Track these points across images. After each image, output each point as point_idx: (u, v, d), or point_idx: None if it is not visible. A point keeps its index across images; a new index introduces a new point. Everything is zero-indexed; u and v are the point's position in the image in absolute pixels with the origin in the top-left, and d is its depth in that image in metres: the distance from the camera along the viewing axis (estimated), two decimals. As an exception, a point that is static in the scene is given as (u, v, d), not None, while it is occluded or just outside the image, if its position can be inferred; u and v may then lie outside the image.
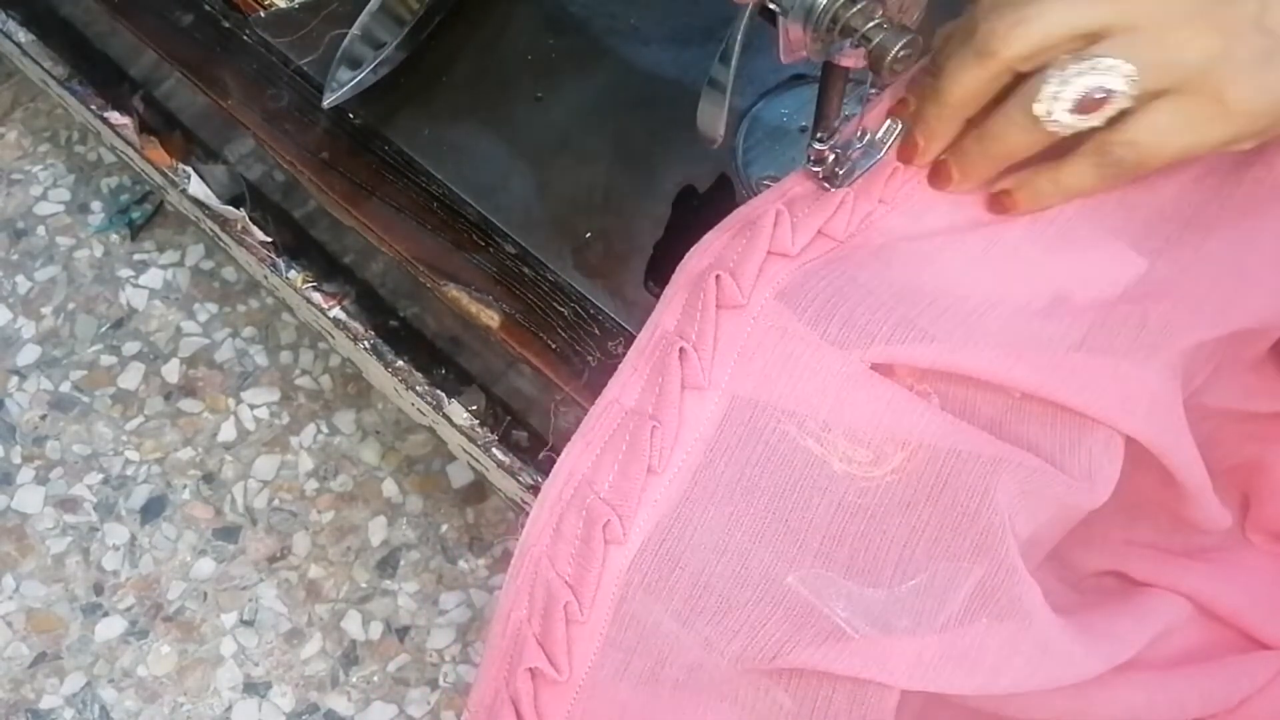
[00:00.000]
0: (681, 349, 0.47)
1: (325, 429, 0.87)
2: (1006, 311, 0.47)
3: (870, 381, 0.46)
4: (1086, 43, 0.46)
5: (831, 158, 0.54)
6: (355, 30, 0.62)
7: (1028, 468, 0.45)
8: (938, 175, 0.51)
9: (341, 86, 0.61)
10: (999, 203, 0.50)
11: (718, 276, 0.48)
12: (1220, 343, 0.49)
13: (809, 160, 0.55)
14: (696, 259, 0.51)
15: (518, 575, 0.49)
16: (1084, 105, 0.46)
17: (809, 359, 0.47)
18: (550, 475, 0.49)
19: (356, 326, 0.67)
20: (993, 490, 0.44)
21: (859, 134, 0.55)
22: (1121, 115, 0.46)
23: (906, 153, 0.53)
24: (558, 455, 0.62)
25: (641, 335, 0.50)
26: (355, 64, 0.62)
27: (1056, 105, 0.46)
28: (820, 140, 0.54)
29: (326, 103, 0.61)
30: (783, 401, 0.47)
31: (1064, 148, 0.49)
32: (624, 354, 0.56)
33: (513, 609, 0.49)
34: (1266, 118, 0.46)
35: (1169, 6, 0.45)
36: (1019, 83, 0.48)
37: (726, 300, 0.48)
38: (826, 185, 0.55)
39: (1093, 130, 0.47)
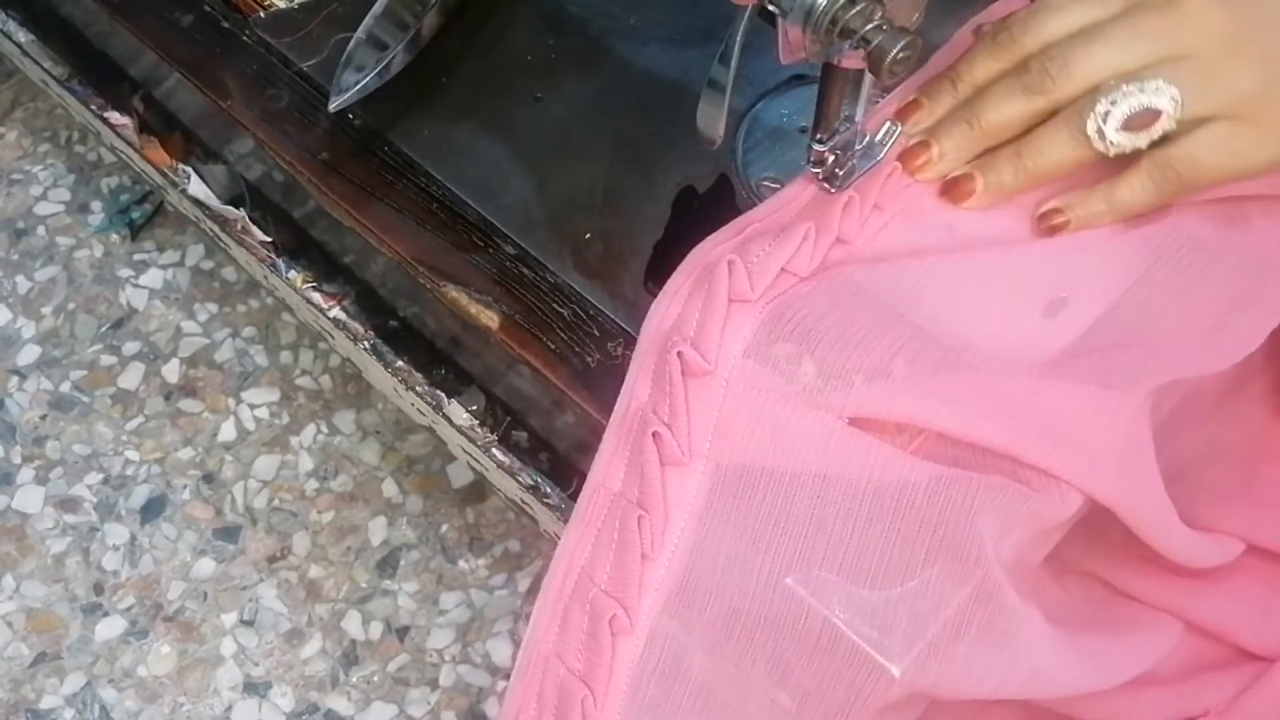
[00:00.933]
0: (655, 432, 0.47)
1: (325, 429, 0.87)
2: (978, 357, 0.47)
3: (852, 439, 0.46)
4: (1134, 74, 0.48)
5: (831, 159, 0.55)
6: (360, 34, 0.62)
7: (1007, 491, 0.45)
8: (957, 189, 0.51)
9: (348, 90, 0.61)
10: (1047, 222, 0.50)
11: (679, 353, 0.47)
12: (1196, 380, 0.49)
13: (809, 161, 0.55)
14: (661, 313, 0.50)
15: (525, 674, 0.48)
16: (1133, 123, 0.47)
17: (788, 421, 0.46)
18: (550, 569, 0.49)
19: (356, 327, 0.67)
20: (975, 516, 0.44)
21: (859, 136, 0.55)
22: (1171, 135, 0.48)
23: (915, 163, 0.52)
24: (557, 456, 0.62)
25: (618, 406, 0.49)
26: (360, 68, 0.62)
27: (1107, 124, 0.47)
28: (820, 142, 0.54)
29: (333, 106, 0.61)
30: (769, 463, 0.46)
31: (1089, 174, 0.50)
32: (623, 356, 0.56)
33: (520, 711, 0.49)
34: None
35: (1210, 38, 0.47)
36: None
37: (693, 369, 0.47)
38: (827, 187, 0.55)
39: (1138, 151, 0.48)
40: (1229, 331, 0.49)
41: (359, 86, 0.61)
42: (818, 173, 0.55)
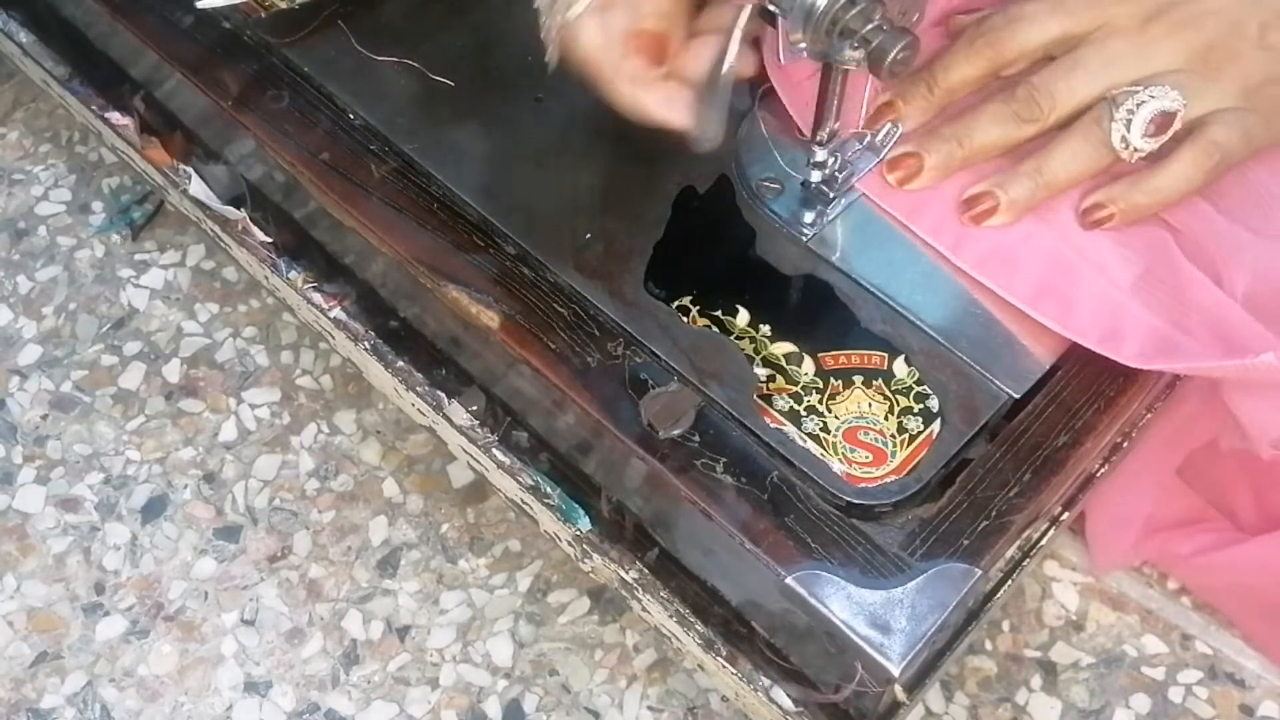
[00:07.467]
0: None
1: (326, 429, 0.87)
2: None
3: None
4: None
5: (832, 160, 0.55)
6: None
7: None
8: (978, 209, 0.53)
9: None
10: (1091, 217, 0.52)
11: None
12: None
13: (808, 162, 0.55)
14: None
15: None
16: (1154, 127, 0.51)
17: None
18: None
19: (357, 327, 0.67)
20: None
21: (858, 136, 0.55)
22: (1193, 128, 0.51)
23: (900, 173, 0.54)
24: (558, 456, 0.62)
25: None
26: None
27: (1132, 131, 0.51)
28: (820, 143, 0.54)
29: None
30: None
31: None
32: (624, 355, 0.56)
33: None
34: None
35: (1179, 57, 0.51)
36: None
37: None
38: (825, 189, 0.55)
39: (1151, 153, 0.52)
40: None
41: None
42: (818, 174, 0.55)
